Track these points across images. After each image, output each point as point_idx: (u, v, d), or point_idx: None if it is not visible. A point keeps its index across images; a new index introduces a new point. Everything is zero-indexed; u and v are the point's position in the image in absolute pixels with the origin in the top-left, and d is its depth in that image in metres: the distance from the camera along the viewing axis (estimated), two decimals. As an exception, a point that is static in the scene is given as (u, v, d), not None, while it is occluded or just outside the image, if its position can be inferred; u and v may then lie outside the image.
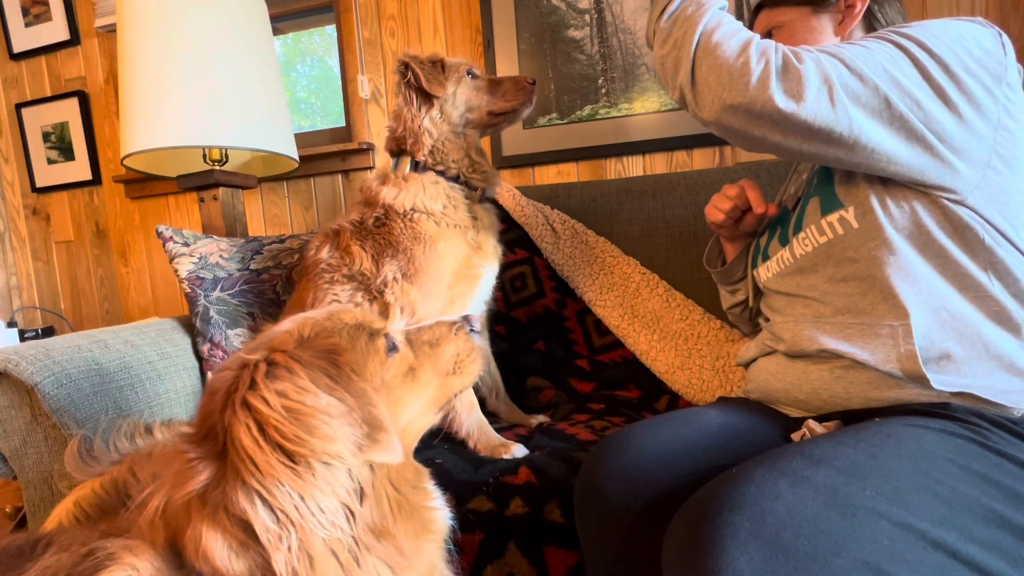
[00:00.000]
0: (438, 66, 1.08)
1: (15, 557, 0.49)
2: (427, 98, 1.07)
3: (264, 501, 0.43)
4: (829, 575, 0.42)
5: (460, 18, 1.68)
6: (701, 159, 1.57)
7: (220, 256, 1.30)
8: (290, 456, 0.44)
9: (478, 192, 1.11)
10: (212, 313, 1.22)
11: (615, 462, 0.68)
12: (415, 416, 0.57)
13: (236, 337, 1.22)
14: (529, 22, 1.61)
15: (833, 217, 0.70)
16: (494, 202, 1.23)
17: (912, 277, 0.65)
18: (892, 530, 0.45)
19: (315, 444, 0.43)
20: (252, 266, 1.31)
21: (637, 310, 1.26)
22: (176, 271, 1.26)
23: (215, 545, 0.44)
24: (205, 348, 1.20)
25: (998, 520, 0.48)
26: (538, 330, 1.36)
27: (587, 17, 1.58)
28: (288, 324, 0.53)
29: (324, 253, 1.07)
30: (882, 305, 0.66)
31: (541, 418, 1.16)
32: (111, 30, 1.91)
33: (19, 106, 2.08)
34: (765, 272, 0.85)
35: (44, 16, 2.01)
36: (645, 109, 1.57)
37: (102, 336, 1.10)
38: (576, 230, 1.37)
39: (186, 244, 1.30)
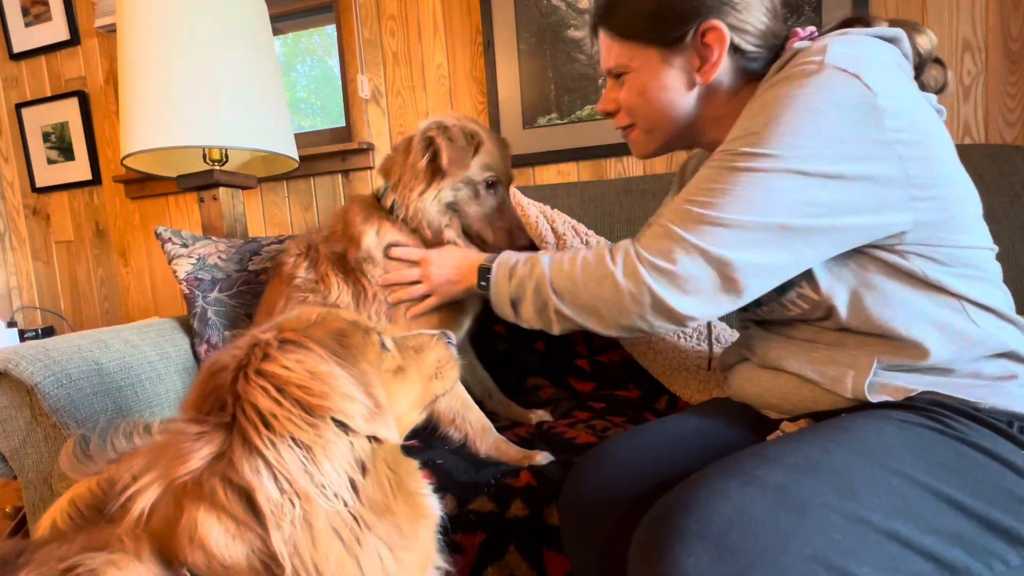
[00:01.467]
0: (471, 148, 0.99)
1: (2, 567, 0.48)
2: (434, 172, 0.98)
3: (271, 470, 0.43)
4: (778, 572, 0.43)
5: (460, 18, 1.68)
6: (701, 159, 1.57)
7: (218, 257, 1.30)
8: (309, 410, 0.45)
9: None
10: (210, 314, 1.22)
11: (593, 476, 0.68)
12: (403, 412, 0.60)
13: (233, 338, 1.22)
14: (529, 22, 1.61)
15: (792, 295, 0.67)
16: None
17: (877, 314, 0.62)
18: (843, 524, 0.45)
19: (335, 400, 0.45)
20: (250, 267, 1.31)
21: (637, 310, 1.26)
22: (175, 272, 1.26)
23: (211, 529, 0.44)
24: (202, 349, 1.20)
25: (958, 508, 0.48)
26: (537, 330, 1.36)
27: (587, 17, 1.57)
28: (291, 314, 0.56)
29: (301, 271, 1.04)
30: (850, 340, 0.65)
31: (541, 413, 1.15)
32: (111, 30, 1.91)
33: (19, 106, 2.08)
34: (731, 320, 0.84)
35: (44, 16, 2.01)
36: (645, 109, 1.57)
37: (102, 336, 1.10)
38: (576, 230, 1.37)
39: (184, 245, 1.30)
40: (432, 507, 0.58)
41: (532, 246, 1.03)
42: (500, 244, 1.02)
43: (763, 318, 0.76)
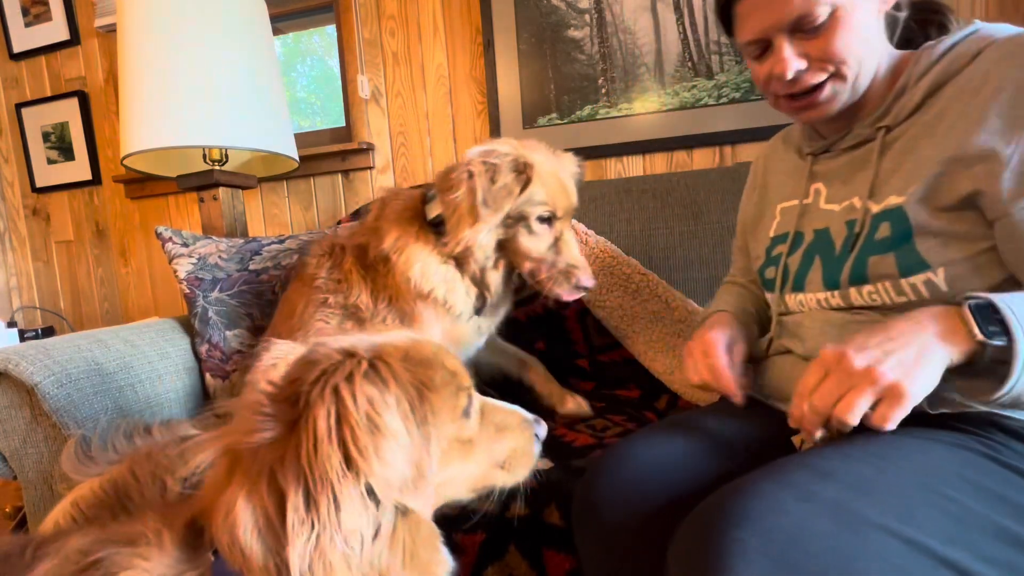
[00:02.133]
0: (520, 179, 0.89)
1: (5, 562, 0.49)
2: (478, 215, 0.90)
3: (307, 486, 0.43)
4: None
5: (460, 18, 1.68)
6: (701, 159, 1.57)
7: (219, 257, 1.30)
8: (347, 459, 0.43)
9: (479, 298, 1.00)
10: (211, 314, 1.22)
11: (611, 479, 0.66)
12: (450, 487, 0.56)
13: (234, 338, 1.22)
14: (529, 22, 1.61)
15: (918, 279, 0.61)
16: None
17: None
18: (901, 548, 0.44)
19: (374, 464, 0.43)
20: (251, 267, 1.31)
21: (636, 311, 1.25)
22: (175, 272, 1.26)
23: (244, 515, 0.44)
24: (203, 349, 1.20)
25: (1009, 538, 0.47)
26: (538, 330, 1.36)
27: (587, 17, 1.58)
28: (399, 337, 0.54)
29: (323, 271, 1.02)
30: None
31: (580, 400, 1.08)
32: (111, 30, 1.91)
33: (19, 106, 2.08)
34: (796, 304, 0.76)
35: (44, 16, 2.01)
36: (645, 109, 1.57)
37: (102, 336, 1.10)
38: (576, 230, 1.37)
39: (185, 245, 1.30)
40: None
41: (583, 284, 0.95)
42: (556, 288, 0.94)
43: (849, 303, 0.68)
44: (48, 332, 2.01)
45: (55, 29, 2.01)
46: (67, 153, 2.07)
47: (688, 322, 1.22)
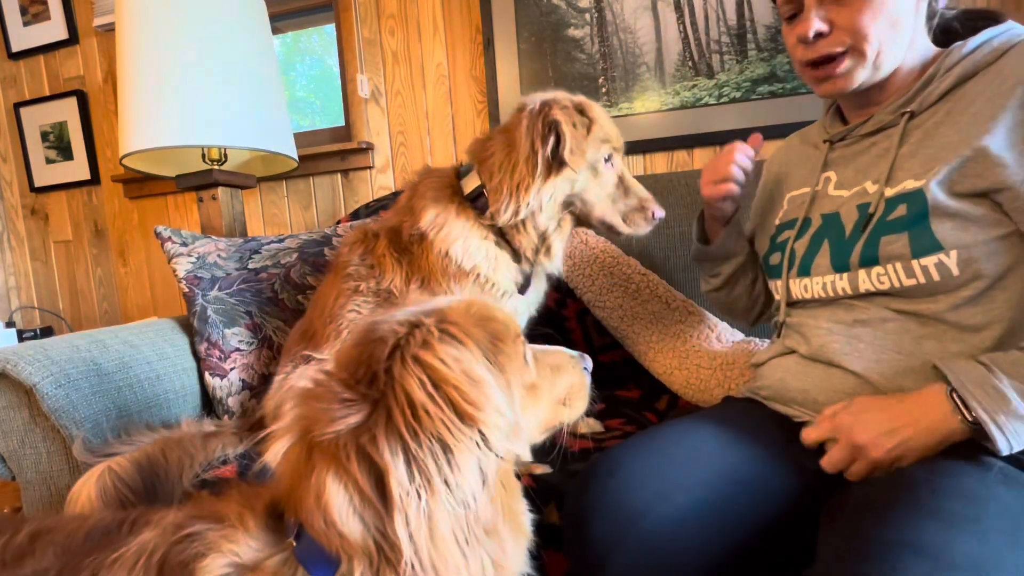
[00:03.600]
0: (585, 128, 0.86)
1: (106, 534, 0.52)
2: (551, 167, 0.85)
3: (409, 457, 0.43)
4: None
5: (460, 17, 1.68)
6: (702, 158, 1.57)
7: (218, 256, 1.29)
8: (461, 416, 0.44)
9: (526, 271, 0.96)
10: (210, 312, 1.21)
11: (599, 491, 0.64)
12: (528, 430, 0.56)
13: (233, 336, 1.21)
14: (529, 21, 1.61)
15: (929, 260, 0.61)
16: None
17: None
18: None
19: (489, 413, 0.45)
20: (250, 265, 1.31)
21: (636, 311, 1.25)
22: (174, 271, 1.25)
23: (337, 495, 0.44)
24: (202, 348, 1.20)
25: None
26: (538, 330, 1.35)
27: (587, 16, 1.57)
28: (454, 300, 0.55)
29: (356, 256, 0.98)
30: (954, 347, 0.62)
31: (591, 422, 1.02)
32: (110, 29, 1.90)
33: (17, 105, 2.08)
34: (801, 290, 0.76)
35: (43, 15, 2.01)
36: (645, 108, 1.57)
37: (101, 336, 1.09)
38: (576, 230, 1.37)
39: (184, 244, 1.30)
40: (529, 528, 0.56)
41: (656, 214, 0.92)
42: (632, 225, 0.90)
43: (855, 287, 0.68)
44: (47, 332, 2.01)
45: (54, 28, 2.01)
46: (66, 153, 2.06)
47: (688, 322, 1.22)
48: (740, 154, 0.83)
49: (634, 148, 1.59)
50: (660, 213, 0.94)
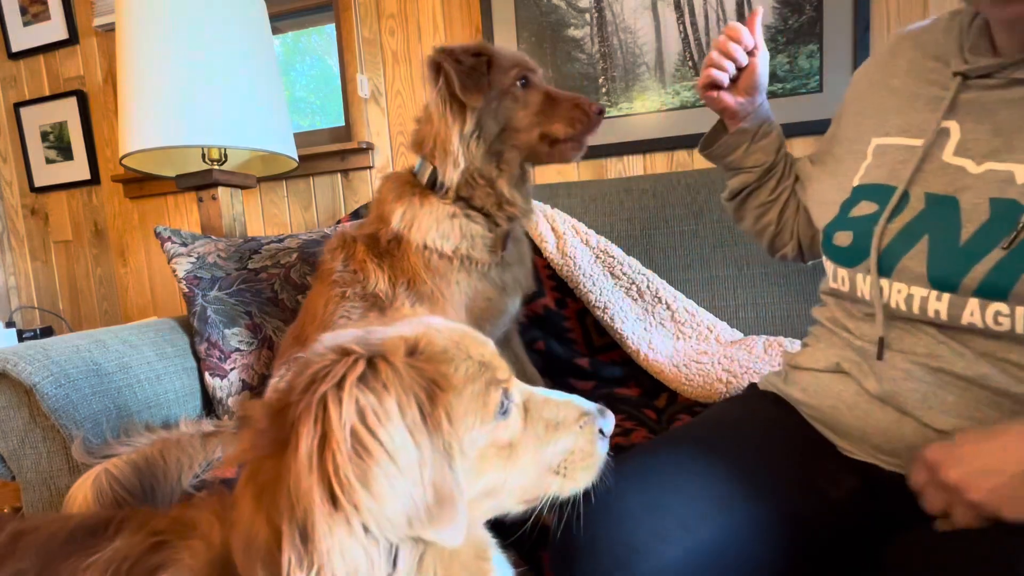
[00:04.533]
0: (482, 64, 0.88)
1: (89, 535, 0.50)
2: (462, 107, 0.88)
3: (300, 519, 0.37)
4: None
5: (460, 17, 1.68)
6: (701, 158, 1.56)
7: (218, 256, 1.29)
8: (331, 495, 0.36)
9: (503, 233, 0.97)
10: (210, 312, 1.21)
11: (593, 526, 0.53)
12: (490, 497, 0.46)
13: (233, 336, 1.21)
14: (529, 21, 1.61)
15: None
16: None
17: None
18: None
19: (362, 499, 0.35)
20: (250, 265, 1.31)
21: (636, 311, 1.25)
22: (174, 271, 1.25)
23: (249, 538, 0.39)
24: (202, 348, 1.20)
25: None
26: (538, 330, 1.35)
27: (587, 16, 1.57)
28: (410, 328, 0.45)
29: (338, 263, 1.00)
30: None
31: None
32: (110, 29, 1.90)
33: (17, 105, 2.08)
34: (871, 292, 0.56)
35: (43, 15, 2.01)
36: (645, 108, 1.57)
37: (101, 336, 1.09)
38: (576, 230, 1.37)
39: (184, 244, 1.30)
40: None
41: (598, 109, 0.89)
42: (576, 125, 0.89)
43: (956, 318, 0.50)
44: (47, 332, 2.01)
45: (54, 28, 2.00)
46: (66, 153, 2.06)
47: (688, 323, 1.22)
48: (727, 40, 0.67)
49: (634, 148, 1.59)
50: (598, 107, 0.90)
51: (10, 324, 2.01)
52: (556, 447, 0.48)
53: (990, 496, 0.42)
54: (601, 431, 0.50)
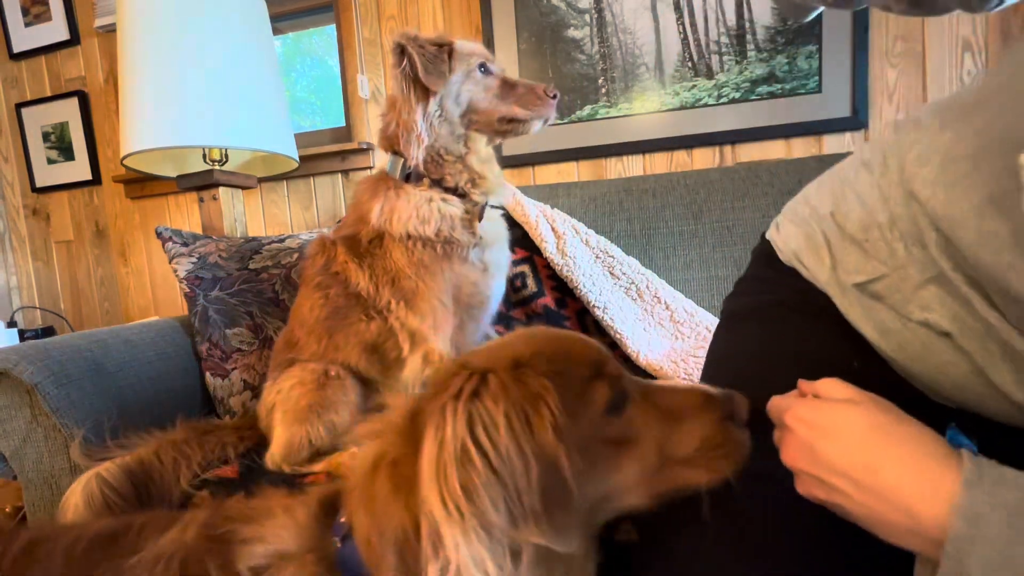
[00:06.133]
0: (444, 52, 0.93)
1: (110, 542, 0.50)
2: (425, 91, 0.92)
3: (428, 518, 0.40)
4: None
5: (460, 17, 1.68)
6: (701, 158, 1.57)
7: (219, 256, 1.30)
8: (443, 500, 0.39)
9: (478, 207, 0.99)
10: (211, 313, 1.22)
11: None
12: (612, 496, 0.46)
13: (234, 336, 1.22)
14: (529, 22, 1.61)
15: None
16: (502, 208, 1.13)
17: None
18: None
19: (465, 508, 0.38)
20: (251, 266, 1.31)
21: (635, 311, 1.25)
22: (175, 271, 1.26)
23: (384, 522, 0.42)
24: (203, 348, 1.20)
25: None
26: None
27: (587, 17, 1.58)
28: (519, 340, 0.48)
29: (319, 267, 1.02)
30: None
31: None
32: (111, 30, 1.91)
33: (19, 106, 2.08)
34: None
35: (44, 16, 2.01)
36: (645, 109, 1.57)
37: (102, 336, 1.10)
38: (576, 230, 1.37)
39: (185, 244, 1.30)
40: None
41: (552, 93, 0.96)
42: (531, 110, 0.95)
43: None
44: (48, 332, 2.01)
45: (55, 29, 2.01)
46: (67, 153, 2.07)
47: (687, 323, 1.23)
48: None
49: (634, 148, 1.59)
50: (553, 91, 0.96)
51: (12, 324, 2.02)
52: (682, 437, 0.46)
53: (830, 495, 0.39)
54: (732, 416, 0.47)
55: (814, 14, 0.63)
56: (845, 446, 0.39)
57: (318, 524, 0.48)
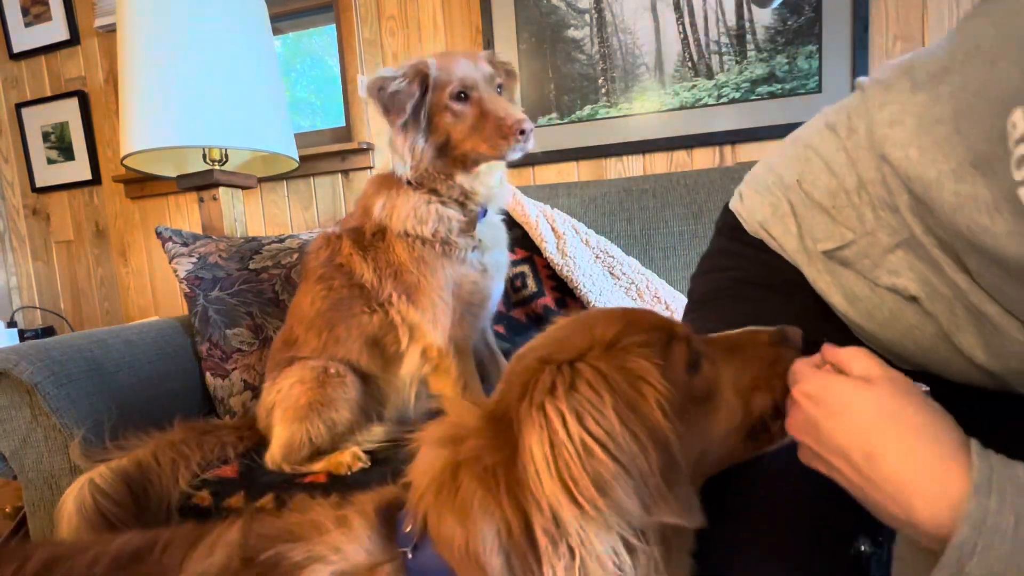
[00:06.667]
0: (414, 85, 0.92)
1: (134, 560, 0.48)
2: (404, 126, 0.94)
3: (543, 511, 0.40)
4: None
5: (460, 17, 1.68)
6: (701, 159, 1.57)
7: (219, 256, 1.30)
8: (573, 498, 0.38)
9: (474, 214, 1.00)
10: (211, 313, 1.22)
11: None
12: (710, 453, 0.46)
13: (234, 336, 1.22)
14: (529, 22, 1.61)
15: None
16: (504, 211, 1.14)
17: None
18: None
19: (601, 503, 0.38)
20: (251, 266, 1.31)
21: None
22: (175, 271, 1.26)
23: (484, 526, 0.41)
24: (204, 348, 1.20)
25: None
26: (538, 330, 1.35)
27: (587, 17, 1.58)
28: (588, 324, 0.47)
29: (322, 259, 1.03)
30: None
31: None
32: (111, 30, 1.91)
33: (19, 106, 2.08)
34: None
35: (44, 16, 2.01)
36: (645, 109, 1.57)
37: (102, 336, 1.10)
38: (576, 230, 1.37)
39: (185, 244, 1.30)
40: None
41: (521, 129, 0.92)
42: (497, 146, 0.91)
43: None
44: (48, 332, 2.01)
45: (55, 29, 2.01)
46: (67, 153, 2.07)
47: (688, 322, 1.22)
48: None
49: (634, 148, 1.59)
50: (523, 125, 0.90)
51: (12, 324, 2.02)
52: (746, 368, 0.47)
53: (814, 452, 0.40)
54: (786, 340, 0.48)
55: (778, 2, 0.64)
56: (849, 429, 0.37)
57: (380, 536, 0.46)
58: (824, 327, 0.54)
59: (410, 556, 0.44)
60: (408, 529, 0.45)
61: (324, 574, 0.43)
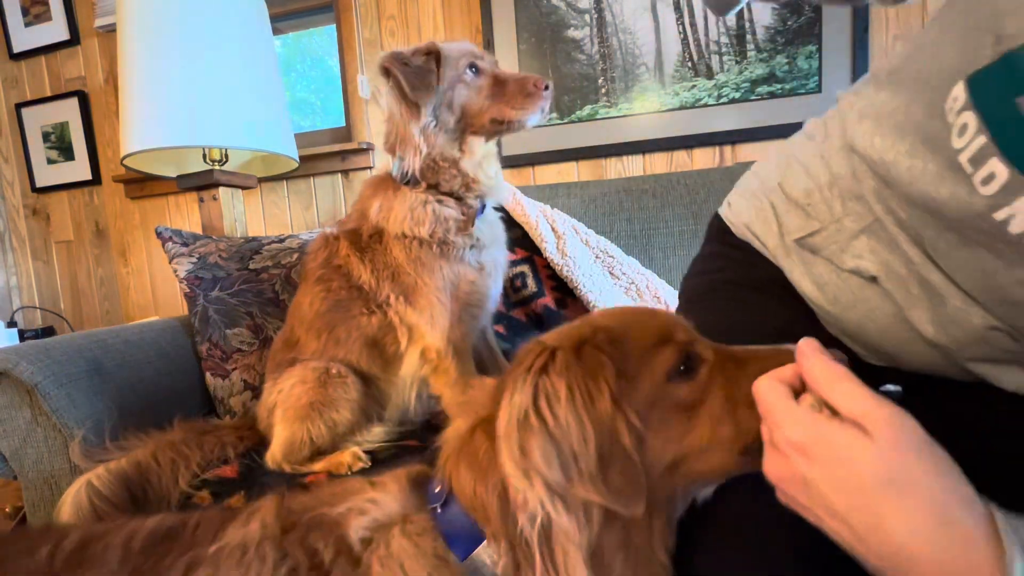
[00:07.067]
0: (431, 61, 0.93)
1: (167, 539, 0.50)
2: (417, 105, 0.94)
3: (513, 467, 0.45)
4: None
5: (460, 18, 1.68)
6: (701, 159, 1.57)
7: (219, 256, 1.30)
8: (512, 456, 0.44)
9: (473, 211, 1.00)
10: (211, 313, 1.22)
11: None
12: (688, 461, 0.46)
13: (234, 336, 1.22)
14: (529, 22, 1.61)
15: None
16: (501, 208, 1.13)
17: None
18: None
19: (529, 466, 0.43)
20: (251, 266, 1.31)
21: (637, 310, 1.26)
22: (175, 271, 1.26)
23: (488, 476, 0.46)
24: (204, 348, 1.20)
25: None
26: (538, 330, 1.35)
27: (587, 17, 1.58)
28: (593, 318, 0.51)
29: (320, 261, 1.03)
30: None
31: None
32: (111, 30, 1.91)
33: (19, 106, 2.08)
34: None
35: (44, 16, 2.01)
36: (645, 109, 1.57)
37: (102, 336, 1.10)
38: (576, 230, 1.37)
39: (185, 244, 1.30)
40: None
41: (544, 84, 0.95)
42: (523, 109, 0.94)
43: None
44: (48, 332, 2.01)
45: (55, 29, 2.01)
46: (67, 153, 2.07)
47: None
48: None
49: (634, 148, 1.60)
50: (544, 82, 0.94)
51: (12, 324, 2.02)
52: (746, 391, 0.44)
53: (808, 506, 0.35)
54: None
55: (737, 8, 0.69)
56: (848, 491, 0.33)
57: (413, 493, 0.52)
58: (806, 324, 0.57)
59: (439, 511, 0.49)
60: (438, 489, 0.50)
61: (363, 523, 0.48)
